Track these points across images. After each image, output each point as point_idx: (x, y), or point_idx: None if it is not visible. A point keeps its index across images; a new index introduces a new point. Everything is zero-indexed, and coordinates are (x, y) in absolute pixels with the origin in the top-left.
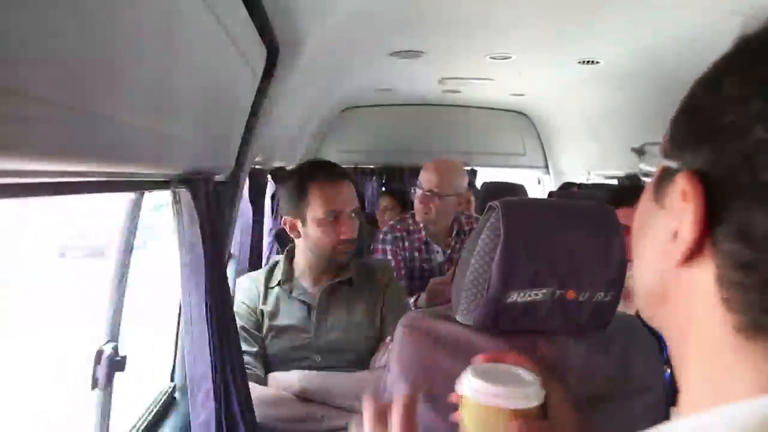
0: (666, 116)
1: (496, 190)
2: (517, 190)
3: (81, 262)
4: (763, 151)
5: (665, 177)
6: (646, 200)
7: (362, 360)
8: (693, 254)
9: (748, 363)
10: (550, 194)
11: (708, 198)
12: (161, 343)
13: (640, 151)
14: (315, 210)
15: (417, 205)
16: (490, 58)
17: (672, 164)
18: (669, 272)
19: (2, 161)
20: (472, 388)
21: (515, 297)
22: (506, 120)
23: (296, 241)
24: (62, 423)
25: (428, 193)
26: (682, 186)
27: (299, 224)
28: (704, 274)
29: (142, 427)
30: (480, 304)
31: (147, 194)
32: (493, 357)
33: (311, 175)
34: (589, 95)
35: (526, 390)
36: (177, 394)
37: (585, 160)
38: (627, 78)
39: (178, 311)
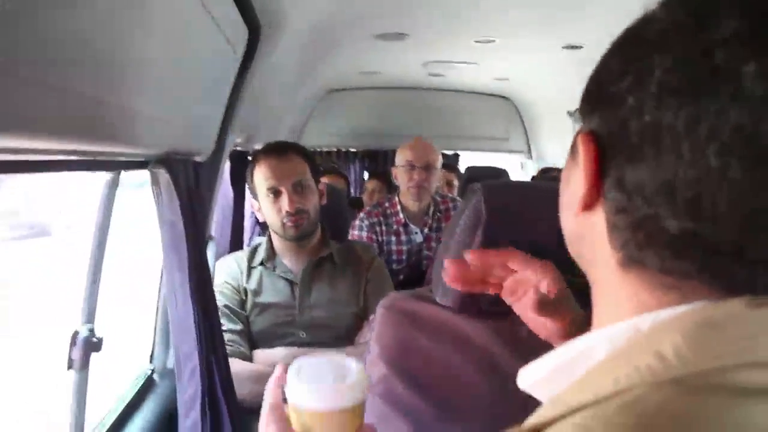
0: None
1: (479, 174)
2: (500, 174)
3: (18, 244)
4: (633, 118)
5: (577, 137)
6: (566, 161)
7: (346, 336)
8: (591, 204)
9: (627, 290)
10: (532, 179)
11: (600, 157)
12: (137, 325)
13: (574, 115)
14: (259, 189)
15: (403, 178)
16: (475, 41)
17: (579, 126)
18: (578, 218)
19: None
20: (291, 392)
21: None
22: (490, 104)
23: None
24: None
25: (407, 166)
26: (580, 144)
27: (257, 205)
28: (599, 220)
29: (121, 409)
30: None
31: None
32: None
33: (256, 155)
34: (573, 80)
35: (348, 386)
36: (156, 376)
37: (567, 145)
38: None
39: (157, 294)
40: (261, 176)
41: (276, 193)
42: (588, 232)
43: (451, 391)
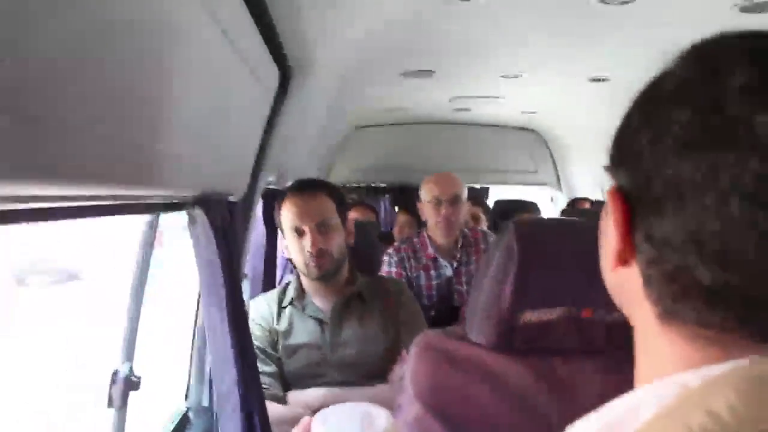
0: None
1: (507, 207)
2: (528, 207)
3: (46, 290)
4: (655, 172)
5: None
6: (603, 212)
7: (378, 374)
8: (625, 258)
9: (668, 344)
10: (563, 211)
11: (629, 212)
12: (173, 364)
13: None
14: (285, 227)
15: (429, 213)
16: (501, 76)
17: (609, 183)
18: (615, 272)
19: (18, 186)
20: None
21: (529, 316)
22: (517, 137)
23: None
24: None
25: (434, 201)
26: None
27: (285, 242)
28: (634, 274)
29: None
30: (493, 323)
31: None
32: None
33: (284, 194)
34: (600, 112)
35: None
36: (191, 414)
37: (597, 176)
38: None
39: (192, 331)
40: (287, 214)
41: (300, 232)
42: (626, 286)
43: (485, 429)
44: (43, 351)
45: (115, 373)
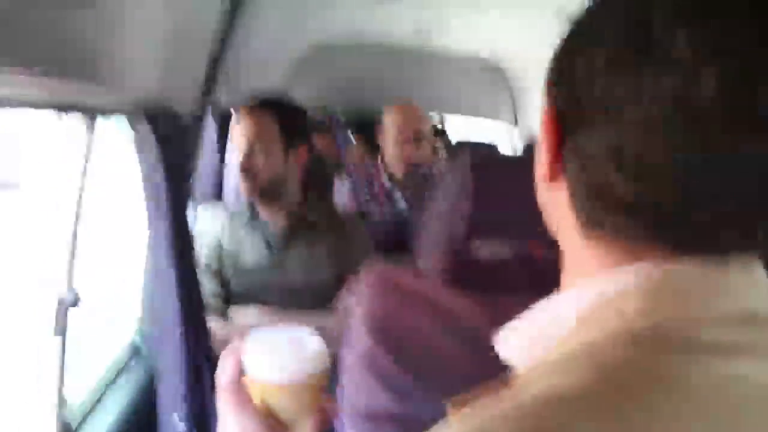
0: None
1: (469, 147)
2: (490, 149)
3: None
4: (585, 91)
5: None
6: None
7: (324, 302)
8: (554, 175)
9: (589, 256)
10: (522, 151)
11: (560, 131)
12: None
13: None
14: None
15: (390, 145)
16: (468, 6)
17: (544, 102)
18: (546, 191)
19: None
20: (251, 364)
21: (480, 251)
22: (479, 72)
23: None
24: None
25: (396, 133)
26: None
27: None
28: (562, 190)
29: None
30: (444, 252)
31: None
32: None
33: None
34: None
35: (309, 358)
36: (139, 339)
37: None
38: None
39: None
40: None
41: (237, 150)
42: (554, 202)
43: (435, 365)
44: None
45: (58, 297)
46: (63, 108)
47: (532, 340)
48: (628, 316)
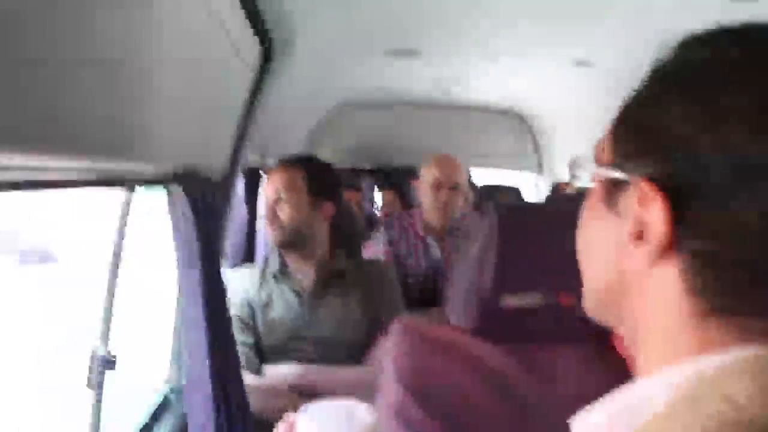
0: None
1: (493, 192)
2: (512, 193)
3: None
4: (714, 160)
5: (615, 186)
6: (593, 208)
7: (355, 355)
8: (664, 251)
9: (692, 336)
10: (547, 198)
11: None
12: (155, 344)
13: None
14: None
15: (428, 196)
16: (486, 58)
17: (619, 175)
18: (632, 271)
19: None
20: None
21: (509, 300)
22: (501, 121)
23: None
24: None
25: (434, 185)
26: (640, 193)
27: None
28: (668, 269)
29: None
30: (474, 307)
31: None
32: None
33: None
34: (585, 97)
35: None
36: (172, 396)
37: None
38: (622, 81)
39: (174, 311)
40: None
41: (268, 206)
42: (646, 284)
43: (468, 416)
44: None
45: (93, 354)
46: (103, 183)
47: (615, 417)
48: (738, 404)
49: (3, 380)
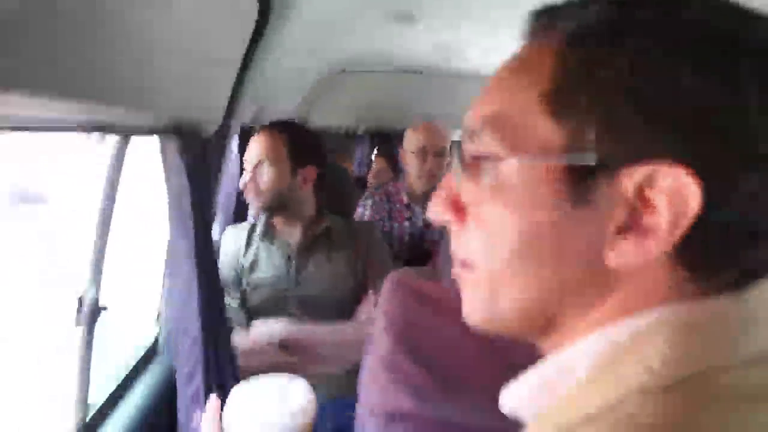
0: None
1: None
2: None
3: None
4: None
5: (577, 175)
6: (534, 206)
7: (342, 314)
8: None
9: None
10: None
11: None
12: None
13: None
14: None
15: (414, 163)
16: (486, 24)
17: (592, 161)
18: (616, 266)
19: None
20: (234, 416)
21: None
22: None
23: None
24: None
25: (420, 152)
26: (644, 178)
27: None
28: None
29: (125, 374)
30: None
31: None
32: None
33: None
34: None
35: (290, 414)
36: (159, 344)
37: None
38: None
39: (164, 260)
40: None
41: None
42: (630, 276)
43: (455, 369)
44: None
45: (80, 300)
46: (98, 129)
47: (539, 389)
48: (655, 370)
49: None
